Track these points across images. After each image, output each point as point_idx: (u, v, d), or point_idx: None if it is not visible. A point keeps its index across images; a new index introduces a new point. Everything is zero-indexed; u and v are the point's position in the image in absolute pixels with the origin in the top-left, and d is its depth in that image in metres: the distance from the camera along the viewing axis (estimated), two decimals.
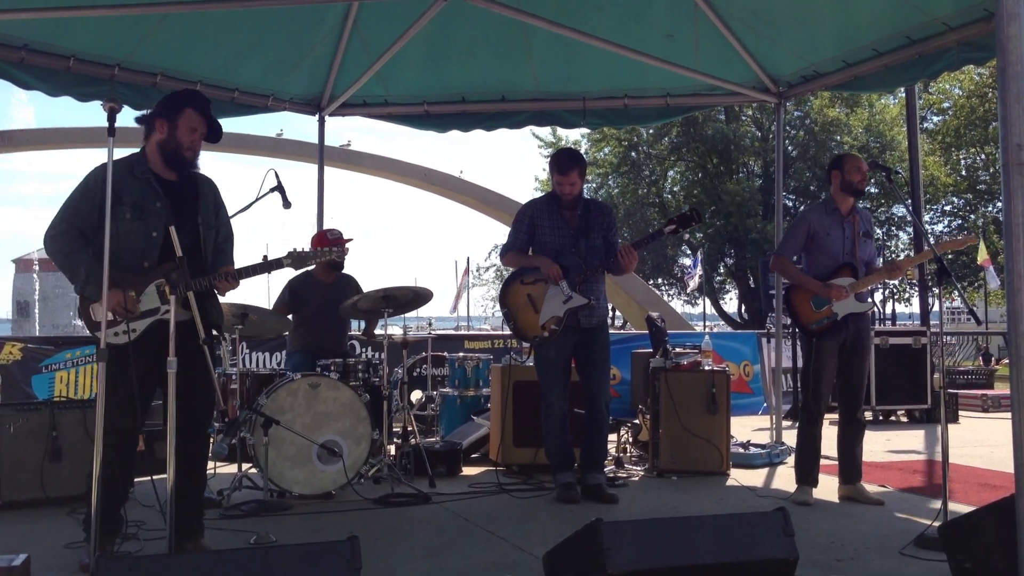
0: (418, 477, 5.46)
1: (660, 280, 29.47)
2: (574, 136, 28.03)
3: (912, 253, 16.36)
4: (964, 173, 26.35)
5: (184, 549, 3.54)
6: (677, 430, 5.79)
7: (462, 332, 17.96)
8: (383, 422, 5.51)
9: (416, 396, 7.44)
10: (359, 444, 5.12)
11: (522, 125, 7.65)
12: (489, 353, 7.75)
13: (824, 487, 5.10)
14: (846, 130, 26.00)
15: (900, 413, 9.29)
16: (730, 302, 31.15)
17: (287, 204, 4.77)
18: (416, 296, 5.87)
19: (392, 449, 5.95)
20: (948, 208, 26.98)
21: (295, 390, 5.04)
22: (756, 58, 6.79)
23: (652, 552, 2.84)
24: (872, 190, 24.41)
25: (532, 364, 5.50)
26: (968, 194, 26.19)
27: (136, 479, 3.92)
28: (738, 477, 5.78)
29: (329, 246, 5.39)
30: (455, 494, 5.16)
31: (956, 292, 5.01)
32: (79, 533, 3.87)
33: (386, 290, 5.60)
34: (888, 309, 29.45)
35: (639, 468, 6.06)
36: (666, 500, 5.11)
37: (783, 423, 7.18)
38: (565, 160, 5.26)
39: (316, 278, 6.25)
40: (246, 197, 4.45)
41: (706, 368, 6.13)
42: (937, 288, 4.51)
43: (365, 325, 6.53)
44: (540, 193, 25.02)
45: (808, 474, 5.01)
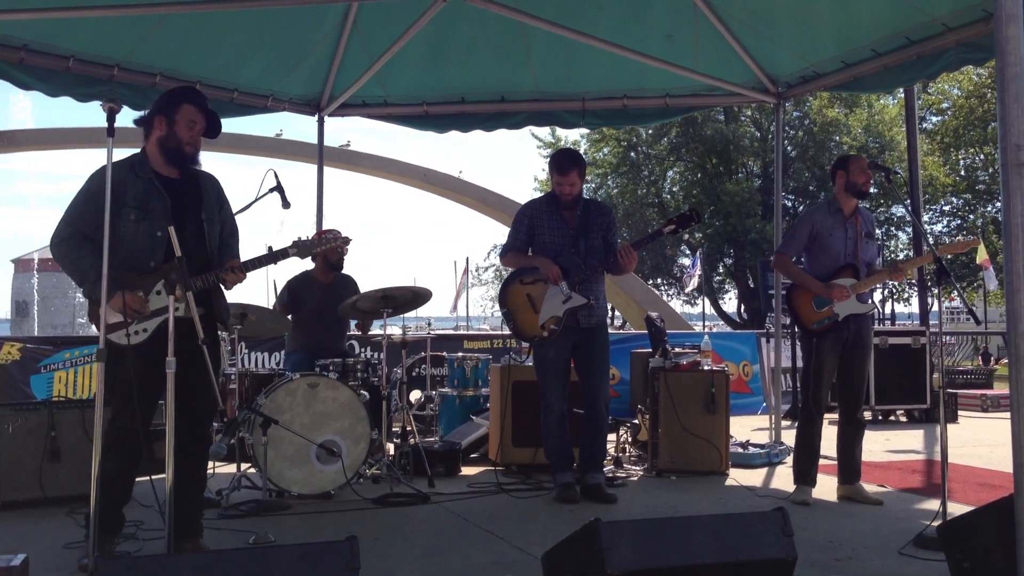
0: (417, 477, 5.46)
1: (659, 280, 29.45)
2: (573, 136, 28.07)
3: (911, 253, 16.37)
4: (963, 173, 26.33)
5: (183, 549, 3.54)
6: (676, 430, 5.79)
7: (461, 332, 17.95)
8: (382, 422, 5.51)
9: (415, 396, 7.44)
10: (358, 444, 5.12)
11: (521, 125, 7.66)
12: (488, 353, 7.75)
13: (823, 487, 5.10)
14: (845, 130, 25.98)
15: (899, 413, 9.29)
16: (729, 302, 31.19)
17: (286, 204, 4.76)
18: (415, 296, 5.87)
19: (391, 449, 5.95)
20: (947, 208, 26.98)
21: (294, 390, 5.04)
22: (755, 58, 6.80)
23: (651, 552, 2.84)
24: (871, 190, 24.35)
25: (531, 364, 5.49)
26: (967, 194, 26.18)
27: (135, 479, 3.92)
28: (737, 477, 5.78)
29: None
30: (454, 494, 5.16)
31: (955, 292, 5.01)
32: (78, 533, 3.87)
33: (385, 290, 5.61)
34: (887, 309, 29.51)
35: (638, 468, 6.06)
36: (665, 500, 5.12)
37: (782, 423, 7.18)
38: (564, 160, 5.26)
39: (315, 278, 6.25)
40: (245, 197, 4.47)
41: (705, 368, 6.13)
42: (936, 288, 4.52)
43: (360, 323, 6.50)
44: (539, 193, 25.06)
45: (806, 474, 5.01)
